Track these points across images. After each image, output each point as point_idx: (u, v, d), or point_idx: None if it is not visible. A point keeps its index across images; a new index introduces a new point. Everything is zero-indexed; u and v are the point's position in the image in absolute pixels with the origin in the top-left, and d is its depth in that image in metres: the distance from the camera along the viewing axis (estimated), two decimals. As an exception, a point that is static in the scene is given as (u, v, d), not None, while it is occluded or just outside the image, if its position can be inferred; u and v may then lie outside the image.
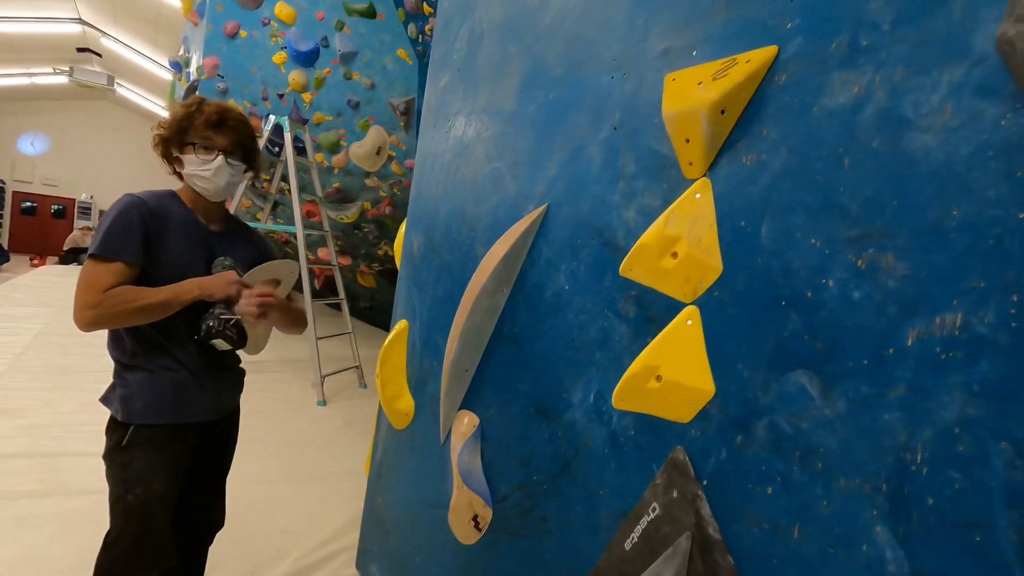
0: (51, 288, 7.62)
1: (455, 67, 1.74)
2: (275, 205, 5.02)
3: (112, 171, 15.94)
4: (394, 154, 4.33)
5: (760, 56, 0.83)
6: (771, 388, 0.75)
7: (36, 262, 11.94)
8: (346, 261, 5.80)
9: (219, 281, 1.22)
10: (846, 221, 0.70)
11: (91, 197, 15.79)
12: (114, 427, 1.23)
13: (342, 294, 4.18)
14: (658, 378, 0.87)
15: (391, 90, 4.12)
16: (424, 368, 1.60)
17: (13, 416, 2.77)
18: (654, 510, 0.86)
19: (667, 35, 1.01)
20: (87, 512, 2.00)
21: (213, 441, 1.37)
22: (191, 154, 1.26)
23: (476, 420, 1.33)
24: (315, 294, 4.09)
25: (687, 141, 0.90)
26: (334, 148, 4.44)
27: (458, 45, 1.74)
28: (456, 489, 1.30)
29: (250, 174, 1.42)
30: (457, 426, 1.39)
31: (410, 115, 4.12)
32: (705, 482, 0.81)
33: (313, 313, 3.64)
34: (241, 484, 2.34)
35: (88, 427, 2.72)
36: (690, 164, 0.91)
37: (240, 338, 1.27)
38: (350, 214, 4.78)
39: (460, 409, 1.40)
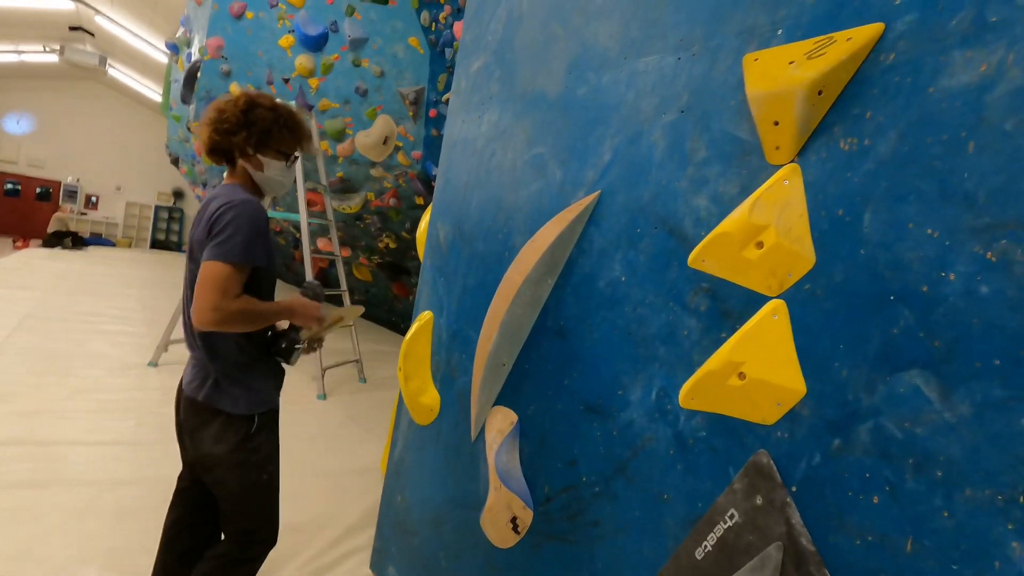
0: (36, 271, 7.42)
1: (489, 50, 1.67)
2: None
3: (100, 154, 15.62)
4: (401, 144, 4.24)
5: (864, 33, 0.77)
6: (877, 389, 0.70)
7: (19, 244, 11.64)
8: (345, 253, 5.70)
9: (308, 312, 1.35)
10: (972, 210, 0.65)
11: (77, 180, 15.45)
12: (234, 423, 1.26)
13: (344, 286, 4.09)
14: (741, 376, 0.81)
15: (401, 79, 4.04)
16: (452, 361, 1.53)
17: (3, 401, 2.65)
18: (732, 517, 0.81)
19: (746, 14, 0.95)
20: (86, 504, 1.90)
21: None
22: (271, 158, 1.34)
23: (514, 417, 1.26)
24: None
25: (776, 124, 0.85)
26: (339, 136, 4.34)
27: (493, 27, 1.67)
28: (493, 489, 1.23)
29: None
30: (492, 423, 1.32)
31: (419, 105, 4.03)
32: (794, 488, 0.76)
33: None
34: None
35: (82, 415, 2.62)
36: (777, 148, 0.86)
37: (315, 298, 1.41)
38: (353, 204, 4.68)
39: (495, 405, 1.34)
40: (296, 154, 1.43)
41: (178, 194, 17.32)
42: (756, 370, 0.80)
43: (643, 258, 1.05)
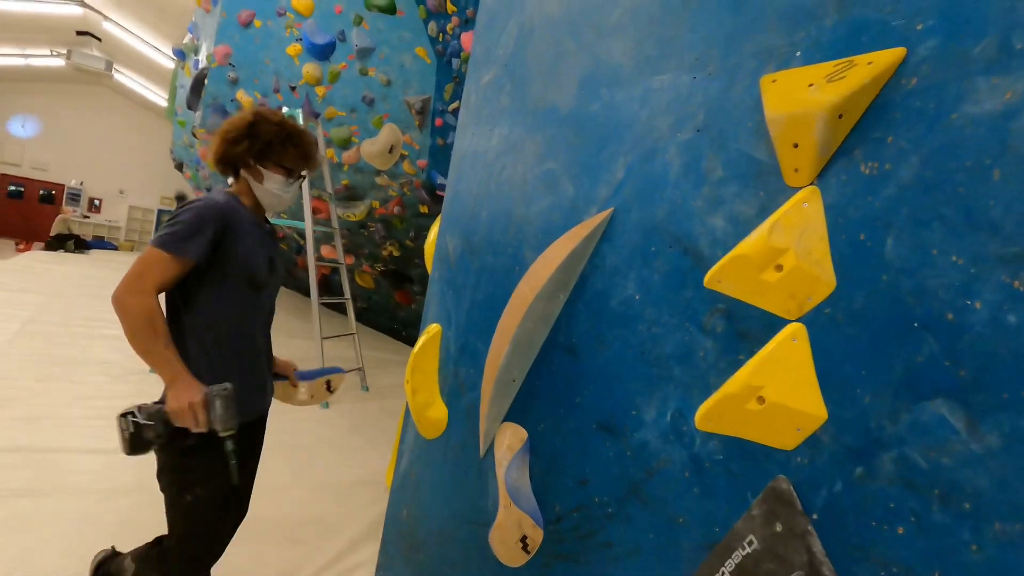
0: (39, 274, 7.42)
1: (500, 63, 1.67)
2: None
3: (104, 158, 15.69)
4: (407, 153, 4.25)
5: (886, 58, 0.77)
6: (901, 417, 0.69)
7: (22, 247, 11.66)
8: (349, 260, 5.70)
9: (180, 404, 1.16)
10: (998, 238, 0.64)
11: (81, 183, 15.51)
12: (176, 433, 1.21)
13: (348, 294, 4.09)
14: (760, 400, 0.80)
15: (408, 88, 4.05)
16: (460, 375, 1.52)
17: (3, 407, 2.63)
18: (751, 543, 0.79)
19: (764, 35, 0.95)
20: (86, 513, 1.89)
21: (252, 439, 1.45)
22: (274, 172, 1.38)
23: (524, 434, 1.25)
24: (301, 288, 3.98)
25: (795, 146, 0.84)
26: (345, 144, 4.35)
27: (504, 40, 1.68)
28: (503, 507, 1.22)
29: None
30: (501, 439, 1.31)
31: (426, 114, 4.05)
32: (815, 516, 0.75)
33: (318, 313, 3.53)
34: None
35: (83, 422, 2.60)
36: (796, 171, 0.85)
37: (132, 439, 1.17)
38: (358, 212, 4.69)
39: (504, 421, 1.33)
40: (303, 173, 1.46)
41: (180, 198, 17.39)
42: (776, 394, 0.79)
43: (657, 277, 1.04)
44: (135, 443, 1.18)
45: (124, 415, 1.18)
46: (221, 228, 1.26)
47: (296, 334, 5.65)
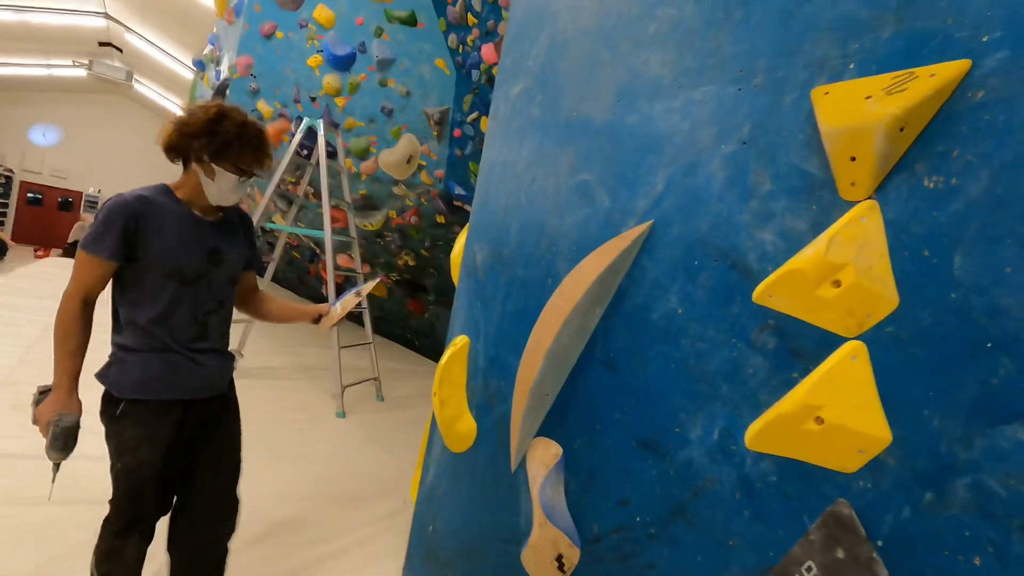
0: (57, 281, 7.51)
1: (531, 75, 1.67)
2: (289, 205, 4.94)
3: (122, 166, 15.92)
4: (424, 163, 4.27)
5: (949, 70, 0.75)
6: (975, 442, 0.66)
7: (40, 253, 11.83)
8: (365, 269, 5.71)
9: (39, 416, 1.33)
10: (1080, 256, 0.62)
11: (99, 191, 15.75)
12: (107, 400, 1.37)
13: (365, 303, 4.08)
14: (818, 420, 0.78)
15: (426, 99, 4.08)
16: (490, 388, 1.50)
17: (22, 413, 2.64)
18: (809, 570, 0.77)
19: (814, 46, 0.94)
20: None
21: (209, 417, 1.49)
22: (223, 168, 1.38)
23: (559, 449, 1.23)
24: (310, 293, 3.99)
25: (852, 159, 0.82)
26: (363, 154, 4.38)
27: (535, 52, 1.67)
28: (538, 526, 1.19)
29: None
30: (534, 455, 1.29)
31: (444, 125, 4.06)
32: (880, 543, 0.72)
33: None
34: (268, 501, 2.23)
35: (102, 429, 2.60)
36: (852, 184, 0.83)
37: (56, 441, 1.32)
38: (374, 222, 4.71)
39: (536, 436, 1.30)
40: (255, 171, 1.46)
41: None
42: (835, 415, 0.77)
43: (702, 291, 1.02)
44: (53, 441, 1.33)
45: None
46: (131, 224, 1.31)
47: (311, 342, 5.66)
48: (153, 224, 1.35)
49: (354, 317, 5.83)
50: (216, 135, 1.37)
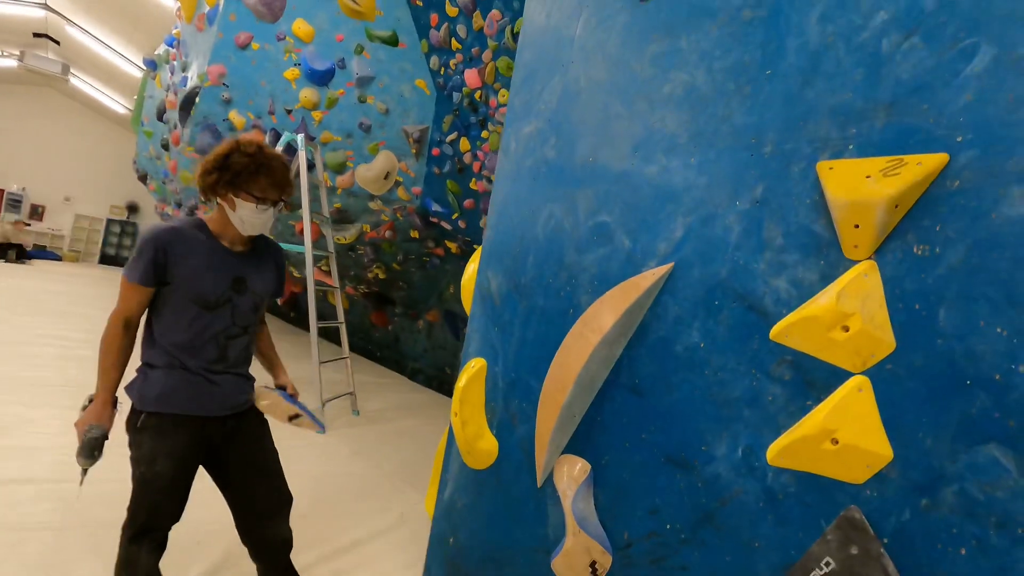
0: (-13, 288, 6.98)
1: (543, 117, 1.81)
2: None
3: (51, 163, 14.92)
4: (401, 180, 4.33)
5: (932, 161, 0.95)
6: (959, 458, 0.85)
7: (-44, 256, 10.90)
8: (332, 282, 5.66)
9: (79, 422, 1.47)
10: (1036, 316, 0.81)
11: (23, 189, 14.68)
12: (132, 412, 1.48)
13: (341, 317, 4.09)
14: (834, 441, 0.95)
15: (406, 117, 4.15)
16: (511, 409, 1.62)
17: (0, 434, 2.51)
18: (828, 564, 0.93)
19: (818, 126, 1.12)
20: (110, 546, 1.85)
21: (231, 435, 1.58)
22: (243, 200, 1.48)
23: (587, 466, 1.36)
24: (279, 311, 3.97)
25: (856, 227, 1.01)
26: (340, 168, 4.39)
27: (546, 97, 1.82)
28: (571, 535, 1.32)
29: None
30: (561, 471, 1.41)
31: (423, 143, 4.15)
32: (886, 540, 0.89)
33: (316, 338, 3.53)
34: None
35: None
36: (855, 247, 1.02)
37: (84, 449, 1.46)
38: (348, 235, 4.71)
39: (562, 454, 1.43)
40: (282, 199, 1.56)
41: (132, 208, 16.67)
42: (848, 436, 0.94)
43: (723, 328, 1.18)
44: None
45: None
46: (160, 252, 1.42)
47: (286, 356, 5.54)
48: (182, 252, 1.46)
49: (330, 334, 5.75)
50: (228, 168, 1.49)
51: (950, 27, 0.98)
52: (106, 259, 15.72)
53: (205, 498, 1.64)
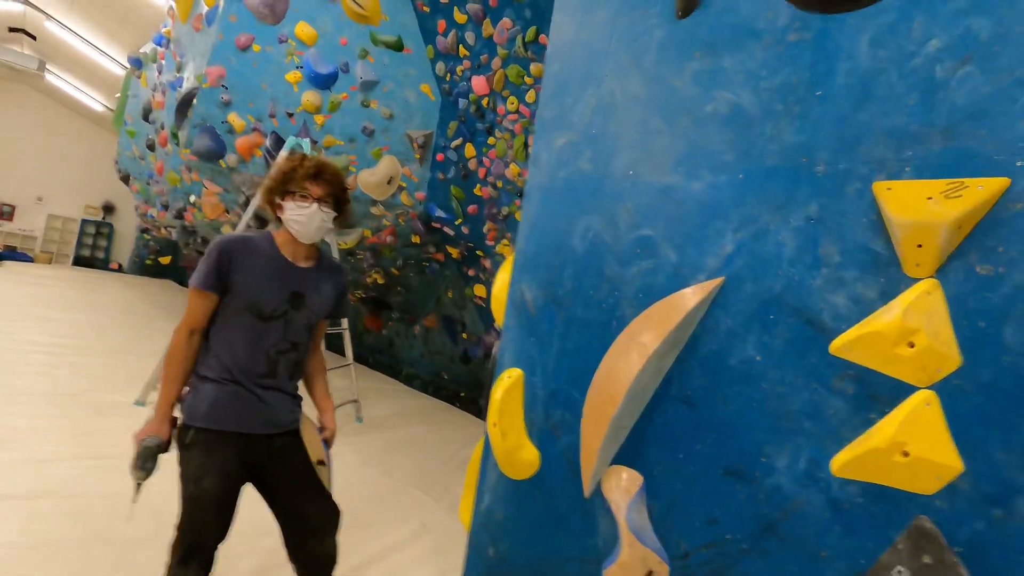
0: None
1: (576, 130, 1.82)
2: (264, 225, 4.80)
3: (22, 162, 14.46)
4: (405, 185, 4.32)
5: (994, 184, 0.99)
6: (1032, 470, 0.89)
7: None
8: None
9: (137, 433, 1.48)
10: (1104, 336, 0.86)
11: (-7, 189, 14.20)
12: (181, 428, 1.50)
13: (345, 323, 4.05)
14: (905, 453, 0.99)
15: (410, 122, 4.14)
16: (552, 419, 1.63)
17: (5, 448, 2.42)
18: (900, 572, 0.97)
19: (872, 147, 1.16)
20: (146, 560, 1.81)
21: (278, 453, 1.58)
22: (290, 201, 1.51)
23: (638, 477, 1.38)
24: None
25: (919, 246, 1.05)
26: (341, 173, 4.36)
27: (579, 110, 1.83)
28: (627, 546, 1.33)
29: (339, 219, 1.66)
30: (610, 482, 1.43)
31: (427, 149, 4.14)
32: (959, 549, 0.93)
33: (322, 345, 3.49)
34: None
35: (91, 462, 2.45)
36: (917, 265, 1.06)
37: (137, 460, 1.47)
38: (349, 240, 4.67)
39: (612, 464, 1.45)
40: (329, 199, 1.57)
41: (108, 208, 16.24)
42: (919, 449, 0.98)
43: (779, 342, 1.21)
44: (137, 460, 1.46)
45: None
46: (224, 259, 1.46)
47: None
48: (244, 261, 1.50)
49: (330, 340, 5.67)
50: (275, 178, 1.55)
51: (1004, 56, 1.02)
52: (81, 260, 15.27)
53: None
